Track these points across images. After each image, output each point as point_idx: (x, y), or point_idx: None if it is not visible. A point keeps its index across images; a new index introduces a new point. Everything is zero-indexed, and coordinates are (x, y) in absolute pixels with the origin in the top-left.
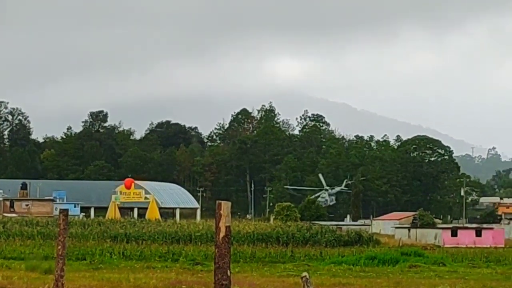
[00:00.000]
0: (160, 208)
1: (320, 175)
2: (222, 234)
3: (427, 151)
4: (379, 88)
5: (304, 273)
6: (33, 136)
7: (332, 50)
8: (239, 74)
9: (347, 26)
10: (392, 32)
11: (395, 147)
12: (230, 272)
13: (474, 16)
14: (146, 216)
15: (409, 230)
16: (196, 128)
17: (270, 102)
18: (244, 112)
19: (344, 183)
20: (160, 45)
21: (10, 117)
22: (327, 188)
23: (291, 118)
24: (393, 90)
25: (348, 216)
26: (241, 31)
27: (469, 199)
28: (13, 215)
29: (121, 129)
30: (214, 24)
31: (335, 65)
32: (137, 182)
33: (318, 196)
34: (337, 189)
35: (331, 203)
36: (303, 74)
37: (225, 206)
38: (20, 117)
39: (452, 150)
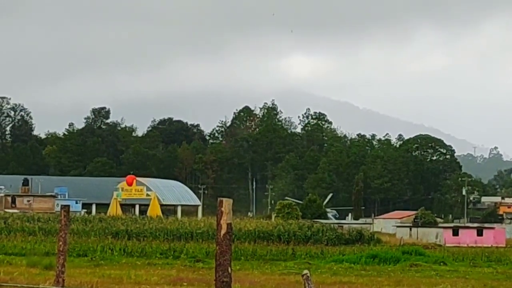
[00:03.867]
0: (161, 205)
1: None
2: (223, 231)
3: (429, 150)
4: (384, 87)
5: (305, 271)
6: (35, 132)
7: (340, 48)
8: (244, 72)
9: (359, 25)
10: (405, 31)
11: (397, 146)
12: (231, 270)
13: (488, 16)
14: (148, 213)
15: (410, 229)
16: (198, 125)
17: (273, 100)
18: (246, 109)
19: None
20: (168, 43)
21: (12, 113)
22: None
23: (293, 116)
24: (397, 89)
25: (350, 214)
26: (250, 29)
27: (471, 198)
28: (15, 211)
29: (123, 125)
30: (223, 22)
31: (341, 63)
32: (138, 179)
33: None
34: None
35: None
36: (307, 72)
37: (227, 203)
38: (22, 113)
39: (454, 150)
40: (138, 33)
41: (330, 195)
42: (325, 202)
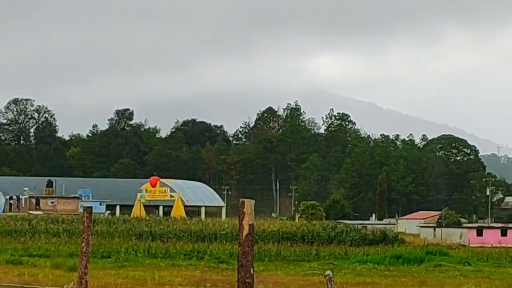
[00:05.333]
0: (185, 206)
1: None
2: (245, 232)
3: (453, 151)
4: (408, 87)
5: (328, 272)
6: (59, 134)
7: (366, 49)
8: (270, 72)
9: (385, 25)
10: (432, 31)
11: (421, 146)
12: (254, 270)
13: None
14: (171, 214)
15: (434, 230)
16: (221, 126)
17: (296, 101)
18: (270, 110)
19: None
20: (195, 43)
21: (36, 115)
22: None
23: (316, 116)
24: (421, 89)
25: (373, 215)
26: (276, 29)
27: (495, 198)
28: (39, 212)
29: (146, 127)
30: (250, 22)
31: (366, 64)
32: (162, 180)
33: None
34: None
35: None
36: (331, 72)
37: (249, 204)
38: (46, 114)
39: (478, 150)
40: (165, 34)
41: None
42: None
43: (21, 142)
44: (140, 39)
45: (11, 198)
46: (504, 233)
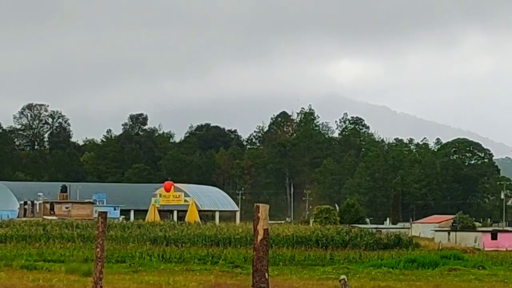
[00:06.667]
0: (199, 211)
1: None
2: (260, 237)
3: (467, 154)
4: (423, 91)
5: (343, 276)
6: (73, 139)
7: (383, 53)
8: (287, 77)
9: (403, 29)
10: (449, 35)
11: (435, 150)
12: (268, 275)
13: None
14: (186, 219)
15: (448, 233)
16: (235, 131)
17: (310, 105)
18: (284, 115)
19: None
20: (213, 48)
21: (50, 120)
22: None
23: (330, 121)
24: (436, 93)
25: (388, 219)
26: (294, 34)
27: (509, 202)
28: (53, 217)
29: (160, 132)
30: (268, 27)
31: (382, 68)
32: (176, 185)
33: None
34: None
35: None
36: (347, 77)
37: (263, 209)
38: (60, 120)
39: (492, 153)
40: (183, 40)
41: None
42: None
43: (36, 147)
44: (157, 44)
45: (25, 203)
46: None
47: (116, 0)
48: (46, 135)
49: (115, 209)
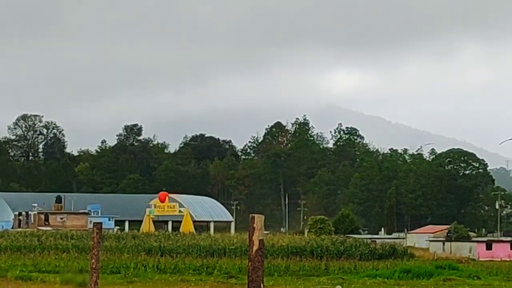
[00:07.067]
0: (194, 222)
1: None
2: (255, 248)
3: (462, 164)
4: (418, 102)
5: (338, 286)
6: (67, 150)
7: (379, 64)
8: (283, 88)
9: (400, 40)
10: (448, 47)
11: (430, 160)
12: (264, 286)
13: None
14: (180, 230)
15: (443, 243)
16: (230, 141)
17: (304, 115)
18: (278, 125)
19: None
20: (210, 59)
21: (44, 131)
22: None
23: (325, 131)
24: (431, 104)
25: (383, 229)
26: (291, 45)
27: (504, 212)
28: (48, 228)
29: (155, 142)
30: (265, 38)
31: (378, 79)
32: (171, 195)
33: None
34: None
35: None
36: (342, 87)
37: (258, 220)
38: (55, 130)
39: (486, 163)
40: (179, 51)
41: None
42: None
43: (30, 158)
44: (154, 55)
45: (20, 214)
46: None
47: (112, 12)
48: (40, 146)
49: (109, 220)
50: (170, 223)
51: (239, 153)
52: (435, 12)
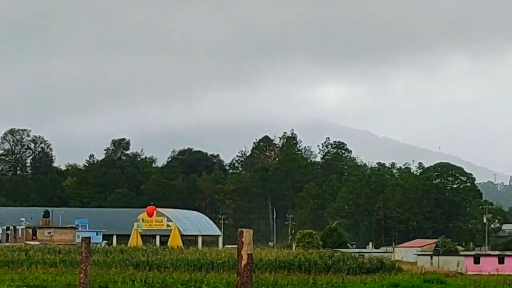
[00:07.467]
0: (182, 236)
1: None
2: (244, 262)
3: (449, 178)
4: (406, 116)
5: None
6: (55, 164)
7: (368, 78)
8: (270, 102)
9: (389, 54)
10: (436, 61)
11: (417, 174)
12: None
13: None
14: (168, 244)
15: (431, 257)
16: (218, 155)
17: (292, 130)
18: (266, 139)
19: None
20: (197, 74)
21: (32, 145)
22: None
23: (313, 145)
24: (418, 118)
25: (370, 243)
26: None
27: (492, 226)
28: (36, 243)
29: (143, 156)
30: (252, 52)
31: (366, 93)
32: (159, 209)
33: None
34: None
35: None
36: (330, 102)
37: (247, 234)
38: (42, 145)
39: (474, 177)
40: (167, 65)
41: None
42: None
43: (18, 172)
44: (141, 70)
45: (8, 228)
46: (501, 260)
47: (100, 27)
48: (28, 160)
49: (97, 234)
50: (158, 237)
51: (227, 167)
52: (423, 26)
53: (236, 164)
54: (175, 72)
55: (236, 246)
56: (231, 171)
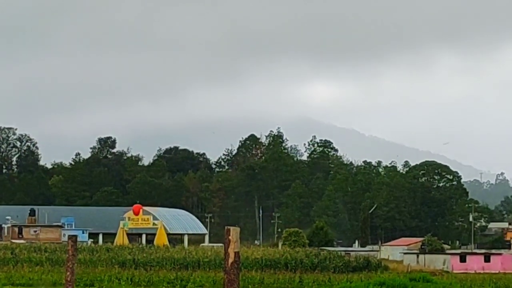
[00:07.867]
0: (168, 234)
1: None
2: (231, 260)
3: (436, 177)
4: (393, 115)
5: None
6: (41, 162)
7: (356, 76)
8: (257, 100)
9: (378, 53)
10: (425, 59)
11: (403, 172)
12: None
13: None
14: (155, 242)
15: (417, 256)
16: (204, 154)
17: (278, 128)
18: (252, 138)
19: None
20: (184, 72)
21: (18, 144)
22: None
23: (299, 143)
24: (405, 117)
25: (357, 241)
26: (265, 58)
27: (478, 224)
28: (22, 241)
29: (129, 155)
30: (240, 50)
31: (354, 91)
32: (145, 208)
33: None
34: None
35: None
36: (320, 100)
37: (234, 232)
38: (28, 143)
39: (460, 176)
40: (155, 63)
41: None
42: None
43: (4, 171)
44: (129, 68)
45: None
46: (487, 259)
47: (88, 24)
48: (14, 159)
49: (83, 233)
50: (144, 236)
51: (213, 166)
52: (412, 24)
53: (223, 163)
54: (163, 70)
55: (222, 244)
56: (217, 169)
